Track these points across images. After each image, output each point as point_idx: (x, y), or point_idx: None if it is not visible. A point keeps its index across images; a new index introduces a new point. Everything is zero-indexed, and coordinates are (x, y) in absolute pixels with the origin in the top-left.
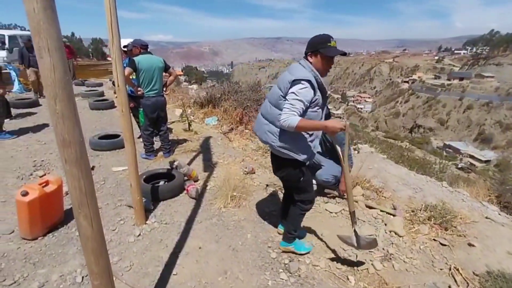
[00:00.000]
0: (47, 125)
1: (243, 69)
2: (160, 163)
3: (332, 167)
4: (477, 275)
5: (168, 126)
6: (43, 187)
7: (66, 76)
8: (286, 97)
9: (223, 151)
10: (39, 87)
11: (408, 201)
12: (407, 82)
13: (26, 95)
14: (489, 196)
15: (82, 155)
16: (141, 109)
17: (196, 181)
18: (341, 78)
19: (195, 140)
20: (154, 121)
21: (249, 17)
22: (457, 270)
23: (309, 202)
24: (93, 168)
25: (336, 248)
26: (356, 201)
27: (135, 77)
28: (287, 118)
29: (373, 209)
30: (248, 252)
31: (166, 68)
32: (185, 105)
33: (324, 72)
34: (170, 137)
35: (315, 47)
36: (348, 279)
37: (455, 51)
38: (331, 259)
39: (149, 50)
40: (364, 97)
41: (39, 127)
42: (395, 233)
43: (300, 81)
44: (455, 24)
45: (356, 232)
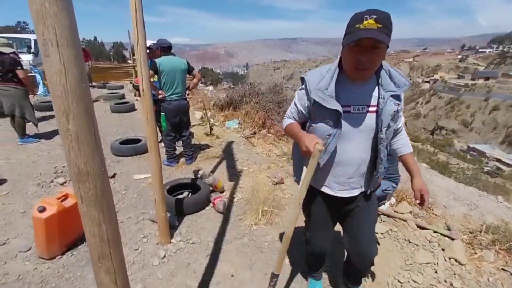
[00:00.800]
0: None
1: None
2: (182, 170)
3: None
4: None
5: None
6: (62, 201)
7: (83, 83)
8: None
9: (247, 157)
10: None
11: (463, 219)
12: (428, 82)
13: (50, 98)
14: None
15: (104, 191)
16: (163, 113)
17: (222, 192)
18: None
19: (217, 145)
20: (176, 126)
21: (264, 18)
22: None
23: (307, 241)
24: (114, 176)
25: (389, 280)
26: (404, 220)
27: (156, 79)
28: (283, 120)
29: (425, 229)
30: (287, 283)
31: (189, 70)
32: (206, 107)
33: (350, 72)
34: (191, 142)
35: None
36: None
37: (480, 50)
38: None
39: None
40: None
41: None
42: (456, 261)
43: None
44: (478, 21)
45: None
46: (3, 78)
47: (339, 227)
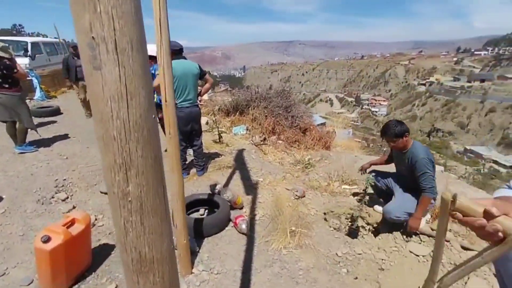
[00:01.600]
0: (69, 137)
1: (255, 72)
2: (194, 182)
3: (406, 202)
4: None
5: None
6: (68, 227)
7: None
8: None
9: (260, 167)
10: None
11: None
12: (424, 84)
13: (47, 102)
14: None
15: (174, 283)
16: None
17: (241, 208)
18: (355, 81)
19: (228, 154)
20: (188, 134)
21: (261, 21)
22: None
23: None
24: None
25: None
26: (447, 241)
27: None
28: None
29: (470, 250)
30: None
31: (201, 75)
32: (214, 113)
33: None
34: (203, 151)
35: None
36: None
37: (475, 52)
38: None
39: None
40: (379, 100)
41: (61, 138)
42: None
43: None
44: (473, 24)
45: None
46: None
47: None
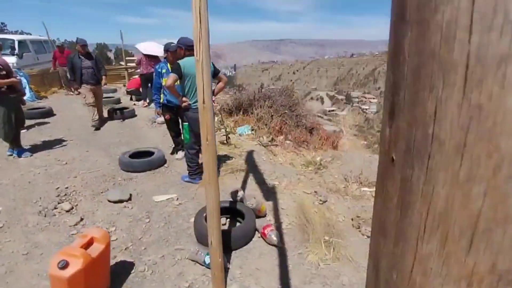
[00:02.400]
0: (65, 140)
1: (246, 71)
2: None
3: None
4: None
5: None
6: (86, 248)
7: None
8: None
9: (272, 169)
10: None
11: None
12: None
13: (38, 103)
14: None
15: None
16: (186, 123)
17: (264, 216)
18: (345, 79)
19: (238, 156)
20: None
21: (252, 20)
22: None
23: None
24: (130, 199)
25: None
26: None
27: (178, 83)
28: None
29: None
30: None
31: (215, 73)
32: (216, 113)
33: None
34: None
35: None
36: None
37: None
38: None
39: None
40: (368, 98)
41: (57, 142)
42: None
43: None
44: None
45: None
46: None
47: None
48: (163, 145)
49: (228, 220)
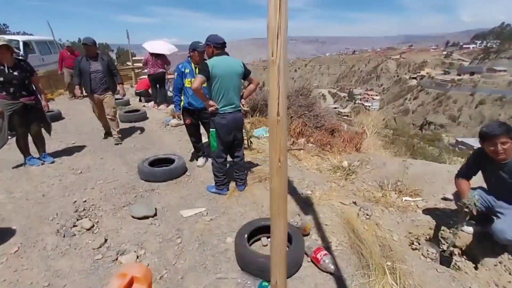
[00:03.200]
0: (78, 146)
1: None
2: (237, 199)
3: None
4: None
5: None
6: None
7: None
8: None
9: (301, 176)
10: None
11: None
12: (415, 78)
13: None
14: None
15: None
16: (213, 129)
17: (307, 235)
18: (347, 76)
19: (262, 162)
20: (229, 144)
21: (253, 17)
22: None
23: None
24: (155, 214)
25: None
26: None
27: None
28: None
29: None
30: None
31: (245, 74)
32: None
33: None
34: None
35: None
36: None
37: (464, 46)
38: None
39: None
40: (371, 95)
41: (69, 149)
42: None
43: None
44: (461, 18)
45: None
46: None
47: None
48: (180, 151)
49: (269, 240)
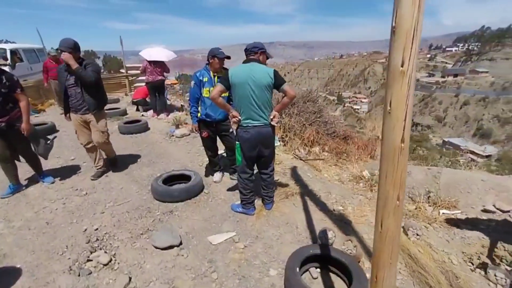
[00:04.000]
0: (77, 161)
1: None
2: (268, 220)
3: None
4: None
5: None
6: None
7: None
8: None
9: (325, 189)
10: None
11: None
12: None
13: (36, 118)
14: None
15: None
16: (238, 142)
17: (358, 261)
18: (336, 79)
19: (282, 174)
20: (254, 160)
21: (241, 23)
22: None
23: None
24: (181, 243)
25: None
26: None
27: (226, 95)
28: None
29: None
30: None
31: (276, 85)
32: None
33: None
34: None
35: None
36: None
37: (446, 49)
38: None
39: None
40: (359, 98)
41: (68, 167)
42: None
43: None
44: (443, 22)
45: None
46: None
47: None
48: (192, 165)
49: (319, 271)
